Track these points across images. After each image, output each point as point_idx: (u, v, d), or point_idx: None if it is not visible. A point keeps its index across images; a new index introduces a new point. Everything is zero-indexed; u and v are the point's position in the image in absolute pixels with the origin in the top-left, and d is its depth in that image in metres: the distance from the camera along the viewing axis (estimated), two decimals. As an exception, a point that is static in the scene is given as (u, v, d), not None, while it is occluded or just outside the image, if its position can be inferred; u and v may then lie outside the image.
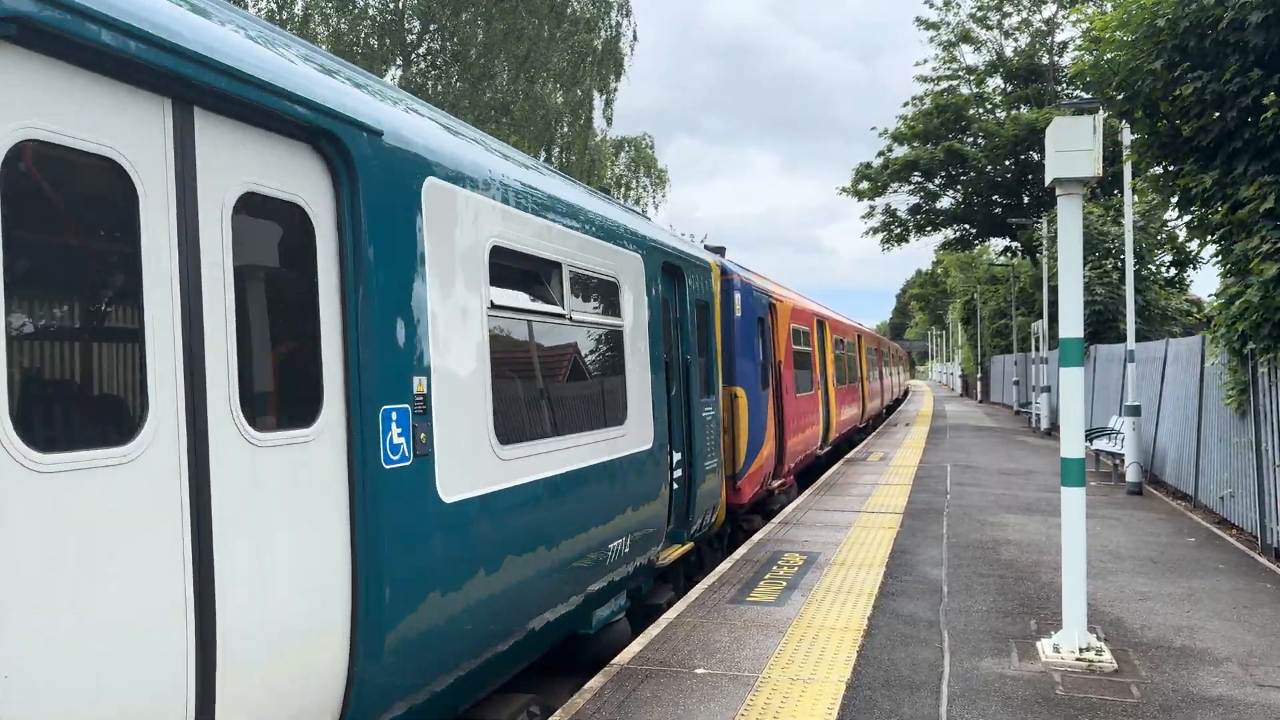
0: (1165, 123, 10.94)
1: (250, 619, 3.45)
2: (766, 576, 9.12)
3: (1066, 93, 36.86)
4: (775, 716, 5.60)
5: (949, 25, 42.77)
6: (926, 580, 9.04)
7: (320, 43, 28.55)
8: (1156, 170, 12.28)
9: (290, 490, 3.68)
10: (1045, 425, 27.82)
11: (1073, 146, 6.64)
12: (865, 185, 43.35)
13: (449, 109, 27.03)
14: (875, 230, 45.05)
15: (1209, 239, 11.41)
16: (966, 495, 14.79)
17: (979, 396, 54.01)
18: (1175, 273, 26.35)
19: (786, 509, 13.41)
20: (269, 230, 3.75)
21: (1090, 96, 15.95)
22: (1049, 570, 9.34)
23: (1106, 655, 6.69)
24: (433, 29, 31.04)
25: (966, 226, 44.73)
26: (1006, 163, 40.13)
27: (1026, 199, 40.82)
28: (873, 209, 44.58)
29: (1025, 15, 42.16)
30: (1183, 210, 11.72)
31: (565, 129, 32.16)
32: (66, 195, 2.97)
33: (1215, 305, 11.52)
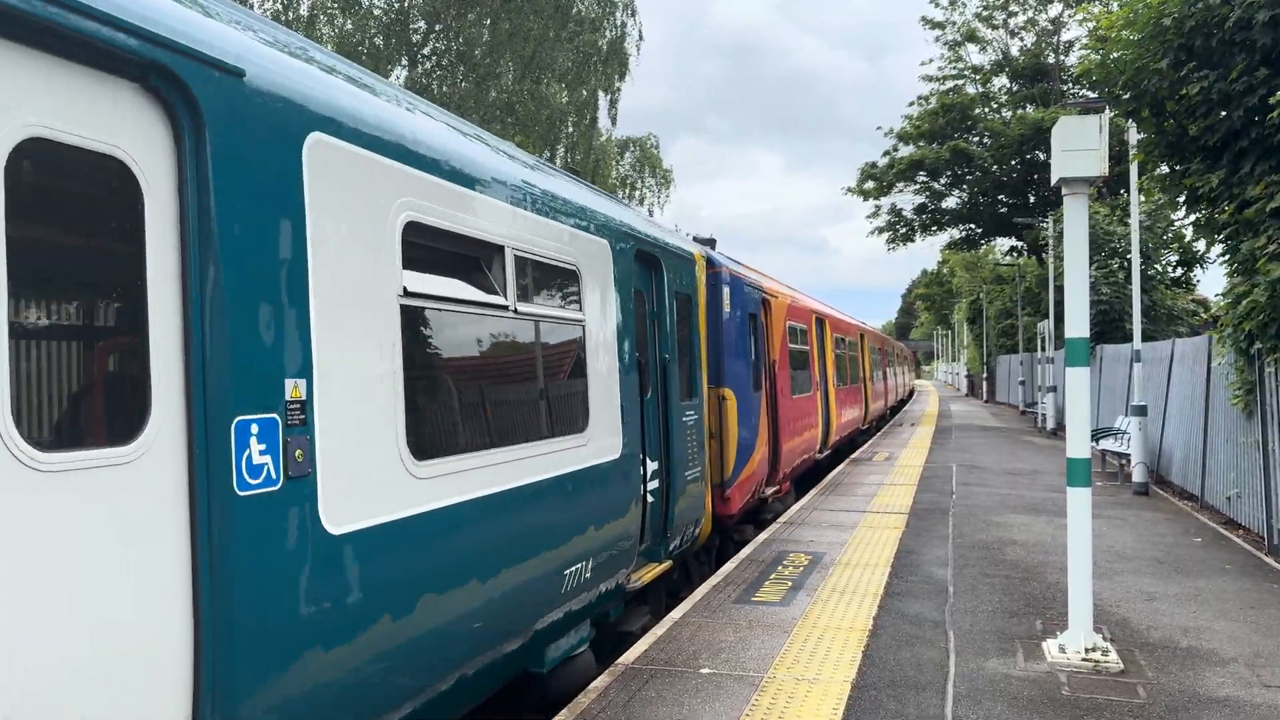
0: (1172, 122, 10.93)
1: (30, 707, 2.63)
2: (771, 576, 9.12)
3: (1072, 92, 36.93)
4: (780, 716, 5.60)
5: (954, 25, 42.88)
6: (932, 580, 9.04)
7: (326, 43, 28.62)
8: (1163, 169, 12.28)
9: (95, 527, 2.86)
10: (1051, 425, 27.78)
11: (1079, 146, 6.63)
12: (871, 185, 43.43)
13: (454, 109, 27.09)
14: (881, 230, 45.15)
15: (1216, 238, 11.41)
16: (972, 495, 14.77)
17: (984, 396, 53.95)
18: (1182, 272, 26.34)
19: (791, 509, 13.41)
20: (67, 188, 2.97)
21: (1096, 96, 15.90)
22: (1055, 570, 9.32)
23: (1112, 656, 6.67)
24: (438, 29, 31.10)
25: (972, 226, 44.78)
26: (1012, 162, 40.15)
27: (1032, 198, 40.82)
28: (878, 208, 44.72)
29: (1031, 14, 42.23)
30: (1189, 210, 11.71)
31: (570, 129, 32.19)
32: None
33: (1222, 305, 11.50)
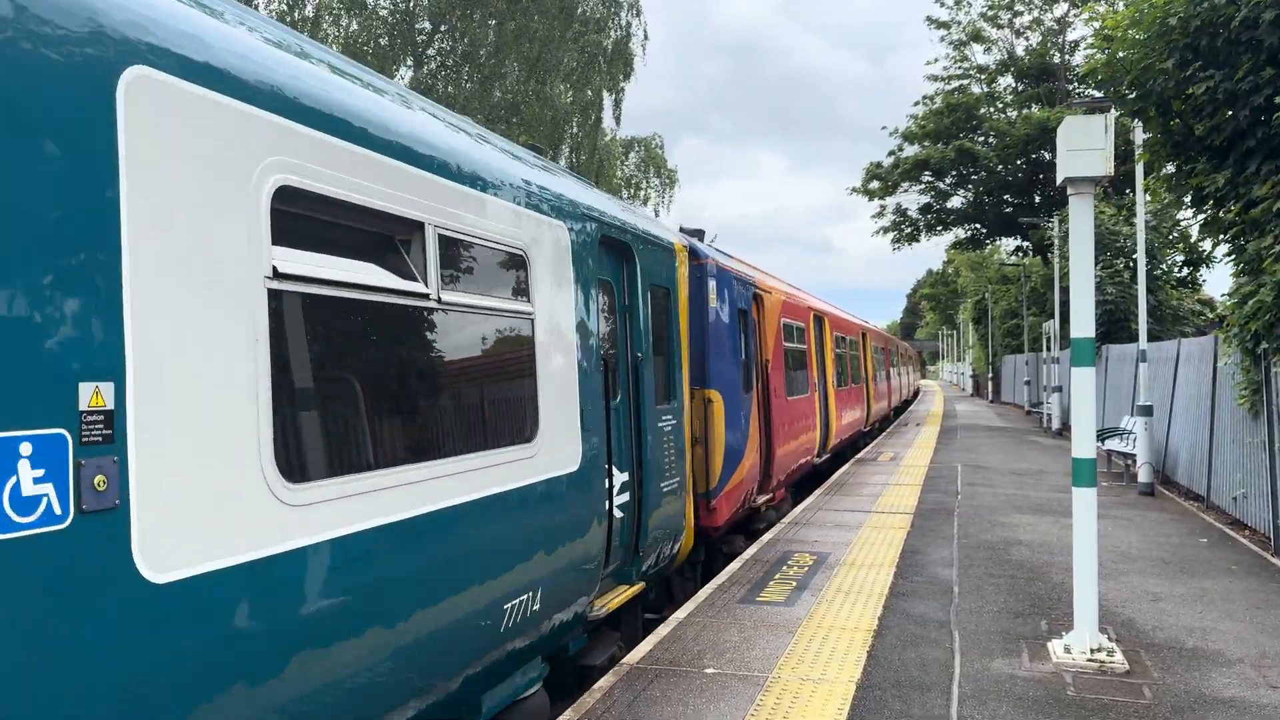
0: (1178, 122, 10.91)
1: None
2: (776, 576, 9.12)
3: (1078, 91, 36.87)
4: (785, 716, 5.60)
5: (960, 24, 42.88)
6: (937, 580, 9.03)
7: (332, 44, 28.67)
8: (1169, 169, 12.25)
9: None
10: (1056, 425, 27.75)
11: (1084, 145, 6.63)
12: (876, 185, 43.41)
13: (459, 109, 27.11)
14: (886, 230, 45.13)
15: (1222, 238, 11.39)
16: (977, 495, 14.76)
17: (990, 396, 53.92)
18: (1187, 272, 26.25)
19: (795, 510, 13.40)
20: None
21: (1102, 95, 15.90)
22: (1060, 571, 9.31)
23: (1118, 656, 6.67)
24: (443, 29, 31.14)
25: (978, 226, 44.74)
26: (1018, 162, 40.13)
27: (1038, 198, 40.77)
28: (883, 208, 44.71)
29: (1036, 14, 42.18)
30: (1195, 209, 11.69)
31: (575, 129, 32.20)
32: None
33: (1228, 305, 11.49)
